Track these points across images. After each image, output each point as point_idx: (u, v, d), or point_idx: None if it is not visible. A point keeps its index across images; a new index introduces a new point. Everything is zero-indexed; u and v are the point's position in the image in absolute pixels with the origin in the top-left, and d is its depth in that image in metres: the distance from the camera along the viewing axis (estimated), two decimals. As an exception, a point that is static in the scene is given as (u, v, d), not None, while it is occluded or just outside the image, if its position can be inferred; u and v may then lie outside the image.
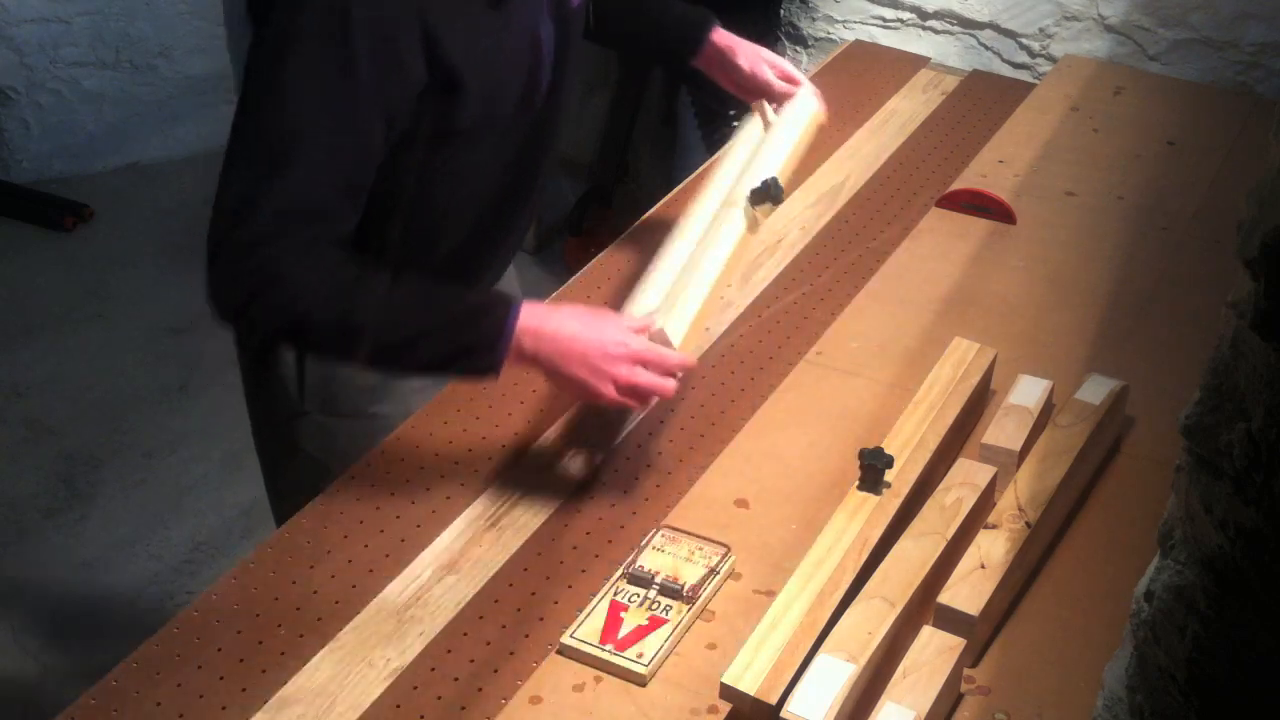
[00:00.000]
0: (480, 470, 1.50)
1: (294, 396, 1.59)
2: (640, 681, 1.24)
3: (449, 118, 1.40)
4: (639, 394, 1.36)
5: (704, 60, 1.75)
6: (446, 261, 1.57)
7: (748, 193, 1.54)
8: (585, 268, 1.89)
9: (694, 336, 1.46)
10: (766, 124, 1.71)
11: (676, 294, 1.45)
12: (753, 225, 1.53)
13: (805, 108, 1.71)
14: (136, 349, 3.26)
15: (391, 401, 1.60)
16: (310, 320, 1.31)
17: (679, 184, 2.11)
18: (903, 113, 2.29)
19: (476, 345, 1.33)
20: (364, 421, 1.59)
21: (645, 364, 1.35)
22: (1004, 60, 2.80)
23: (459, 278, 1.58)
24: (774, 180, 1.53)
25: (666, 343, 1.38)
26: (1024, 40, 2.76)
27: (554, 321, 1.34)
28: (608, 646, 1.26)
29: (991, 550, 1.29)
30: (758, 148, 1.64)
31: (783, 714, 1.13)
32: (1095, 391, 1.49)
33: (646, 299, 1.48)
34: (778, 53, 3.11)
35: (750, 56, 1.73)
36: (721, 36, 1.74)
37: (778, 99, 1.72)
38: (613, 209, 3.50)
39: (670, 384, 1.37)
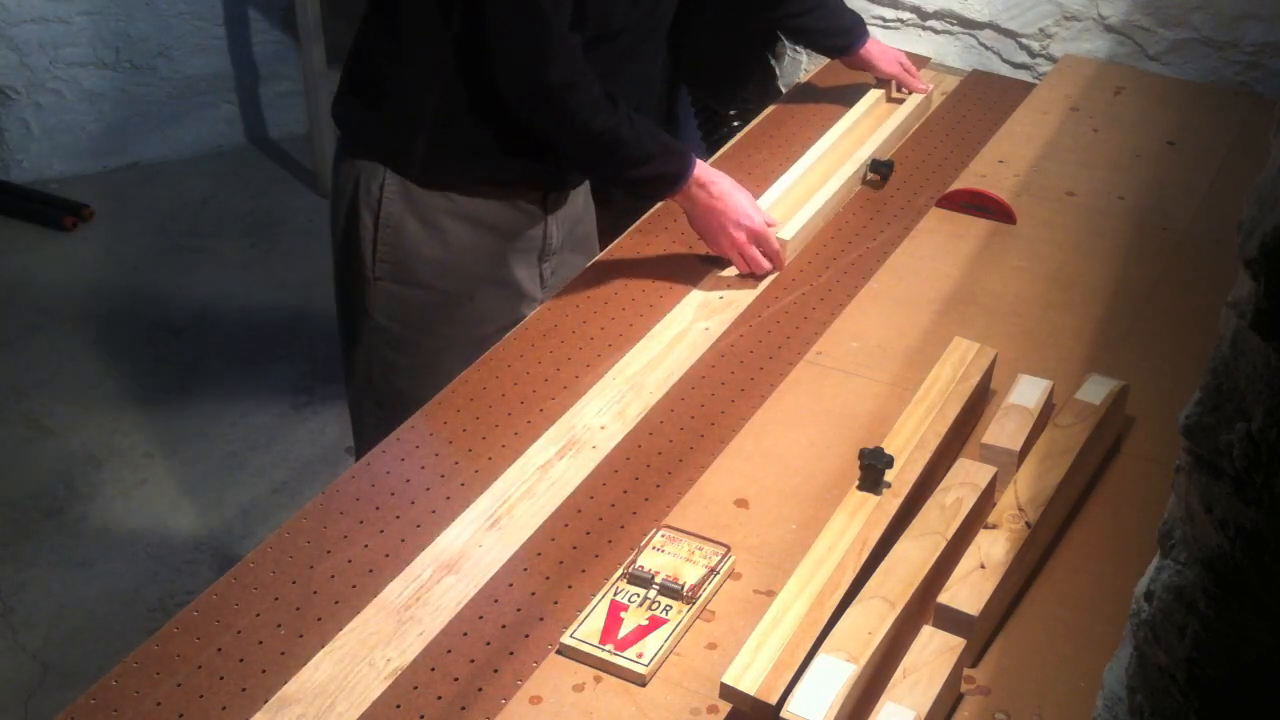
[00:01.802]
0: (480, 470, 1.50)
1: (368, 262, 1.81)
2: (640, 681, 1.24)
3: None
4: (745, 256, 1.82)
5: (852, 62, 2.26)
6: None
7: (869, 161, 2.07)
8: (585, 267, 1.89)
9: (796, 243, 1.90)
10: (889, 98, 2.29)
11: (795, 206, 1.94)
12: (858, 182, 2.06)
13: (916, 97, 2.28)
14: (136, 349, 3.26)
15: (453, 278, 1.82)
16: (587, 125, 1.70)
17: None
18: (903, 112, 2.29)
19: (670, 173, 1.77)
20: (426, 292, 1.82)
21: (759, 239, 1.82)
22: (1004, 60, 2.80)
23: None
24: (889, 162, 2.08)
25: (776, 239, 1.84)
26: (1024, 40, 2.76)
27: (717, 181, 1.80)
28: (608, 646, 1.26)
29: (991, 550, 1.29)
30: (880, 119, 2.21)
31: (783, 714, 1.13)
32: (1095, 391, 1.49)
33: (774, 193, 1.95)
34: (778, 53, 3.12)
35: (889, 61, 2.25)
36: (870, 46, 2.23)
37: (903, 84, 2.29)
38: (610, 209, 3.49)
39: (766, 264, 1.84)
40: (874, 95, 2.24)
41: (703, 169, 1.78)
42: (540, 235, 1.89)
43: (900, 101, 2.27)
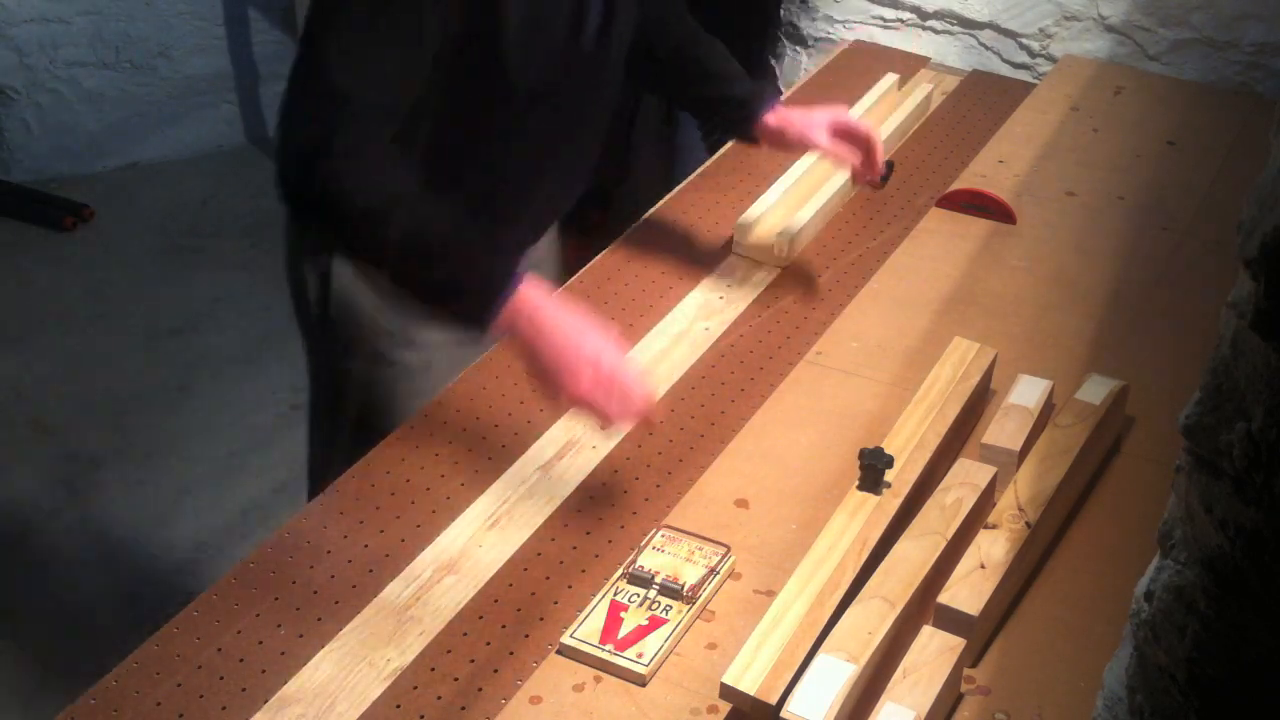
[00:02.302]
0: (480, 470, 1.50)
1: (320, 336, 1.66)
2: (640, 681, 1.24)
3: (493, 36, 1.42)
4: (594, 411, 1.35)
5: (762, 139, 1.80)
6: (477, 202, 1.56)
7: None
8: (585, 268, 1.89)
9: (797, 243, 1.79)
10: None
11: (795, 206, 1.82)
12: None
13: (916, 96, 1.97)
14: (136, 349, 3.26)
15: (413, 349, 1.65)
16: (354, 202, 1.37)
17: (679, 184, 2.11)
18: (902, 112, 2.29)
19: (476, 289, 1.36)
20: (385, 367, 1.66)
21: (609, 388, 1.34)
22: (1004, 60, 2.80)
23: (486, 223, 1.54)
24: (889, 162, 1.92)
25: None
26: (1024, 40, 2.76)
27: (551, 307, 1.36)
28: (608, 646, 1.26)
29: (991, 550, 1.29)
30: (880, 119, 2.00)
31: (783, 714, 1.13)
32: (1095, 391, 1.49)
33: (774, 193, 1.82)
34: (777, 53, 3.12)
35: (799, 131, 1.75)
36: (775, 116, 1.77)
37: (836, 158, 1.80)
38: (611, 209, 3.50)
39: (621, 422, 1.37)
40: (875, 95, 2.24)
41: (535, 290, 1.35)
42: None
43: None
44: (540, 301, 1.35)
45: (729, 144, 2.21)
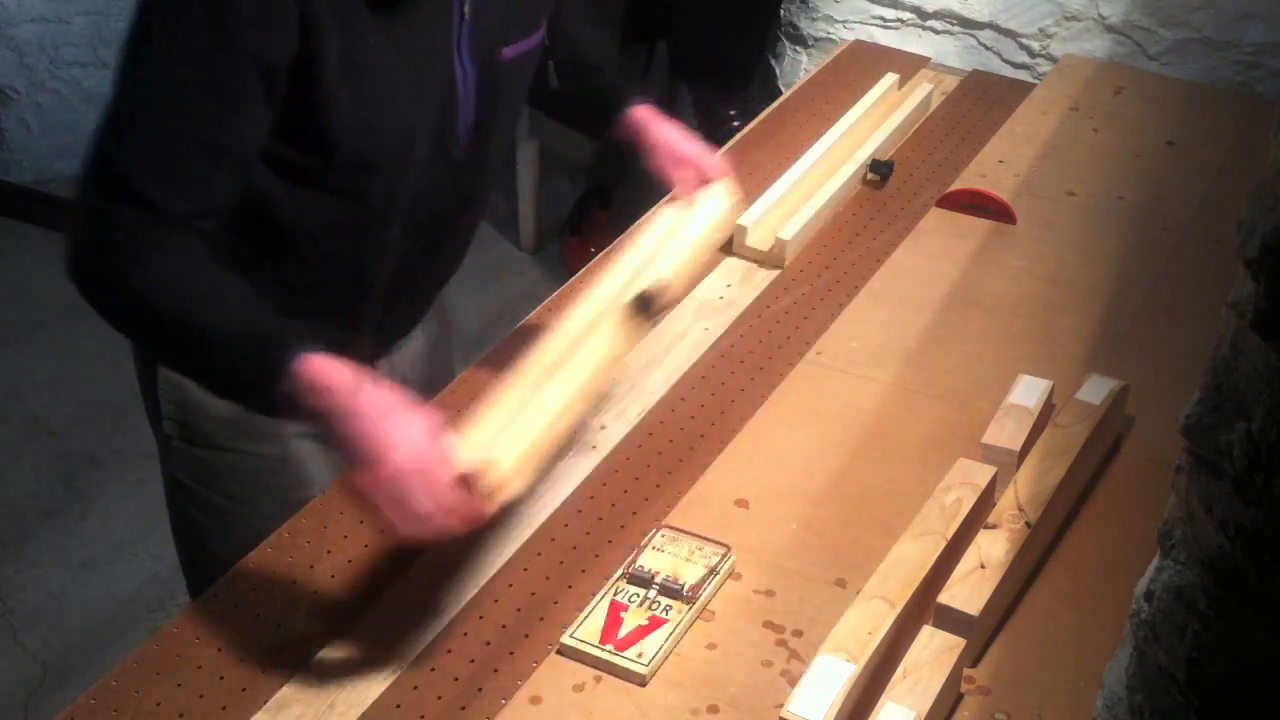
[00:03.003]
0: (480, 470, 1.50)
1: (155, 411, 1.50)
2: (640, 681, 1.24)
3: (323, 129, 1.26)
4: (410, 517, 1.13)
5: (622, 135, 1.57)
6: (315, 303, 1.40)
7: (869, 161, 1.65)
8: (585, 268, 1.89)
9: (797, 243, 1.53)
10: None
11: (795, 206, 1.54)
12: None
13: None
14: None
15: (260, 440, 1.47)
16: (133, 283, 1.18)
17: (679, 184, 2.11)
18: (902, 113, 2.29)
19: (256, 371, 1.16)
20: (232, 456, 1.49)
21: (432, 485, 1.12)
22: (1004, 60, 2.80)
23: (331, 330, 1.28)
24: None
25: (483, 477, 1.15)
26: (1024, 40, 2.76)
27: (355, 388, 1.15)
28: (608, 646, 1.26)
29: (991, 550, 1.29)
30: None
31: (783, 714, 1.13)
32: (1095, 391, 1.49)
33: (774, 193, 1.57)
34: (777, 53, 3.12)
35: (664, 151, 1.53)
36: (640, 117, 1.55)
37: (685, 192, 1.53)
38: (611, 209, 3.50)
39: (451, 523, 1.14)
40: (875, 94, 2.24)
41: (329, 367, 1.14)
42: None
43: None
44: (338, 379, 1.14)
45: (729, 144, 2.21)
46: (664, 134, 1.54)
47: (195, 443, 1.50)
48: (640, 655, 1.25)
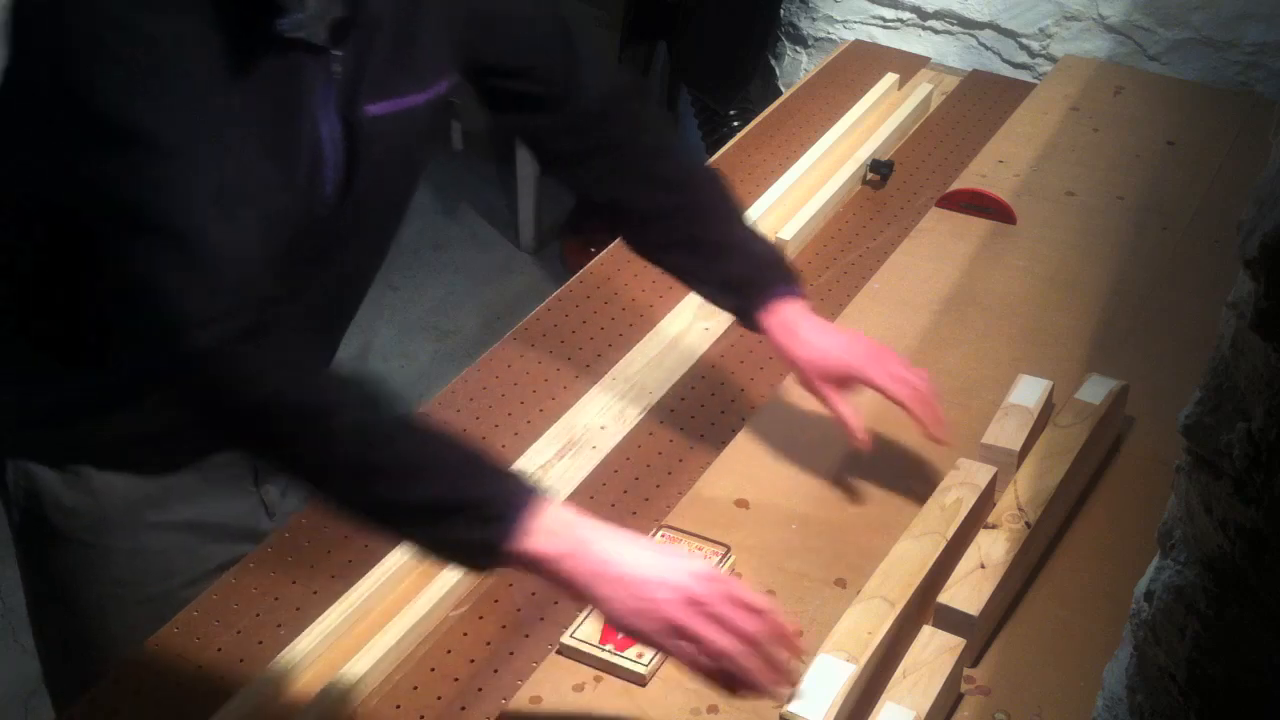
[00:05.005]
0: (480, 470, 1.50)
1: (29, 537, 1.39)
2: (640, 681, 1.24)
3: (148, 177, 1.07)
4: (713, 648, 1.04)
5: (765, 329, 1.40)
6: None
7: (869, 161, 1.93)
8: (585, 268, 1.89)
9: (796, 243, 1.70)
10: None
11: (795, 206, 1.71)
12: (858, 182, 1.91)
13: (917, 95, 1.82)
14: (136, 349, 3.25)
15: (104, 531, 1.37)
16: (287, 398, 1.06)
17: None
18: (902, 113, 2.29)
19: (484, 512, 1.06)
20: (81, 551, 1.38)
21: (725, 605, 1.04)
22: (1004, 60, 2.80)
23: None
24: (889, 162, 1.93)
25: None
26: (1024, 40, 2.76)
27: (593, 532, 1.07)
28: (608, 646, 1.26)
29: (991, 550, 1.29)
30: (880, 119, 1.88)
31: (782, 713, 1.13)
32: (1095, 391, 1.49)
33: (774, 193, 1.69)
34: (777, 53, 3.12)
35: (825, 367, 1.38)
36: (784, 328, 1.38)
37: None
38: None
39: (772, 668, 1.06)
40: (875, 94, 2.24)
41: (560, 516, 1.07)
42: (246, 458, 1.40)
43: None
44: (584, 531, 1.06)
45: (729, 144, 2.21)
46: (825, 356, 1.37)
47: (45, 535, 1.37)
48: (640, 655, 1.25)
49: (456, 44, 1.31)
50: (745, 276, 1.39)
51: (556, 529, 1.06)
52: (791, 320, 1.38)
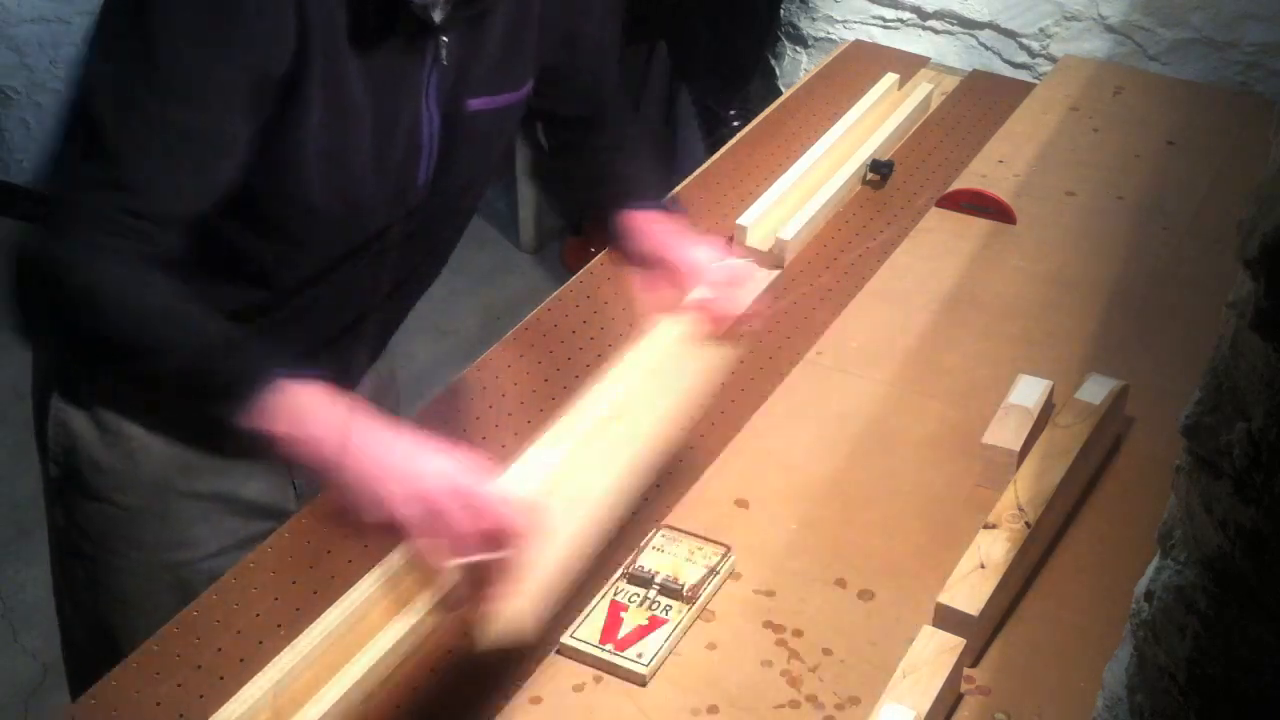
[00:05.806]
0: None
1: (43, 451, 1.43)
2: (640, 681, 1.24)
3: (291, 158, 1.20)
4: (422, 533, 1.06)
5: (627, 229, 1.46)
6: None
7: (869, 161, 1.96)
8: (585, 268, 1.89)
9: (796, 243, 1.72)
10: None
11: (795, 206, 1.68)
12: (858, 182, 1.93)
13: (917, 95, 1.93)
14: (136, 349, 3.25)
15: (134, 493, 1.41)
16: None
17: (679, 184, 2.11)
18: (902, 113, 2.29)
19: (225, 384, 1.08)
20: (110, 511, 1.43)
21: (469, 505, 1.06)
22: (1004, 60, 2.80)
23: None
24: (889, 162, 1.95)
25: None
26: (1024, 40, 2.77)
27: (343, 441, 1.08)
28: (608, 646, 1.26)
29: (991, 550, 1.29)
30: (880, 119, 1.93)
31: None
32: (1095, 391, 1.49)
33: (774, 193, 1.71)
34: (777, 53, 3.12)
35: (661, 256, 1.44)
36: (651, 221, 1.45)
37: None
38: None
39: (466, 544, 1.06)
40: (875, 94, 2.24)
41: (312, 418, 1.08)
42: None
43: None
44: (325, 432, 1.08)
45: (729, 144, 2.21)
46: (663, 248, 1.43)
47: (77, 490, 1.44)
48: (640, 655, 1.25)
49: (545, 49, 1.37)
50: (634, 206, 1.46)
51: (304, 412, 1.07)
52: (659, 221, 1.45)
